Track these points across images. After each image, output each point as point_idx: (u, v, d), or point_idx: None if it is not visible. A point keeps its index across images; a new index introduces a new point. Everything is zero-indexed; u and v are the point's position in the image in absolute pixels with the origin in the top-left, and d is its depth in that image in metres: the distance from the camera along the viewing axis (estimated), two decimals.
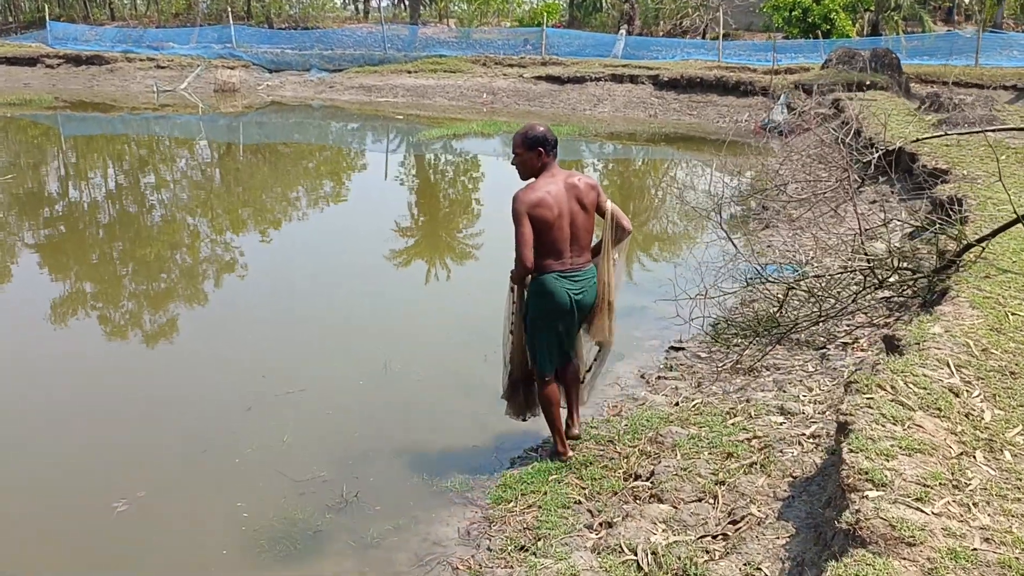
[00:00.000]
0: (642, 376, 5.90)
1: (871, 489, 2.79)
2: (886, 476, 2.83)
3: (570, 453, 4.57)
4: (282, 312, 7.60)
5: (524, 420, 4.83)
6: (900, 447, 3.02)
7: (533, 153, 4.26)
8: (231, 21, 31.71)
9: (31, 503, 4.42)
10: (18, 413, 5.51)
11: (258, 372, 6.09)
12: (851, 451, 2.99)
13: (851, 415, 3.24)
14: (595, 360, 4.82)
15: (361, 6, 52.06)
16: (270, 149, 19.17)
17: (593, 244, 4.46)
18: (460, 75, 26.84)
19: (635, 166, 17.98)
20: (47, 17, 34.46)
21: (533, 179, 4.29)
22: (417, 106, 25.20)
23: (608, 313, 4.51)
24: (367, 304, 7.92)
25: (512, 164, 4.37)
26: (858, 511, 2.69)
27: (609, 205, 4.36)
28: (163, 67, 29.25)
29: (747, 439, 4.29)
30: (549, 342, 4.44)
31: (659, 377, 5.82)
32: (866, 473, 2.85)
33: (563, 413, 4.72)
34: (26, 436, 5.20)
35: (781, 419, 4.51)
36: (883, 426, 3.16)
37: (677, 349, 6.32)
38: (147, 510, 4.27)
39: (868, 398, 3.35)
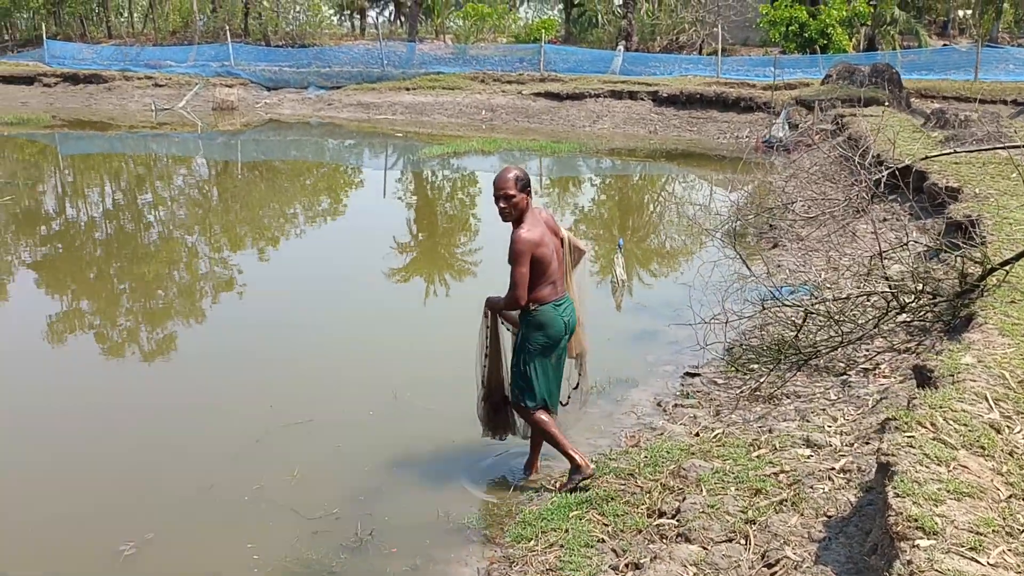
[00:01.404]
0: (658, 404, 5.77)
1: (922, 537, 2.65)
2: (936, 523, 2.70)
3: (591, 467, 4.54)
4: (284, 334, 7.46)
5: (502, 440, 4.98)
6: (948, 490, 2.88)
7: (524, 194, 4.42)
8: (229, 39, 31.63)
9: (32, 546, 4.27)
10: (15, 447, 5.36)
11: (265, 401, 5.95)
12: (897, 495, 2.86)
13: (893, 455, 3.11)
14: (579, 375, 4.97)
15: (357, 23, 52.25)
16: (268, 167, 19.09)
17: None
18: (458, 92, 26.79)
19: (635, 182, 17.90)
20: (44, 35, 34.41)
21: (514, 222, 4.43)
22: (416, 123, 25.15)
23: (577, 327, 4.81)
24: (371, 325, 7.80)
25: (503, 208, 4.42)
26: (910, 562, 2.56)
27: (564, 233, 4.70)
28: (161, 85, 29.17)
29: (774, 473, 4.15)
30: (542, 373, 4.58)
31: (676, 405, 5.69)
32: (915, 520, 2.71)
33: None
34: (24, 473, 5.04)
35: (808, 452, 4.38)
36: (927, 467, 3.03)
37: (693, 375, 6.19)
38: (155, 553, 4.11)
39: (909, 436, 3.22)
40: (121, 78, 29.79)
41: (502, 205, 4.40)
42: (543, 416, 4.60)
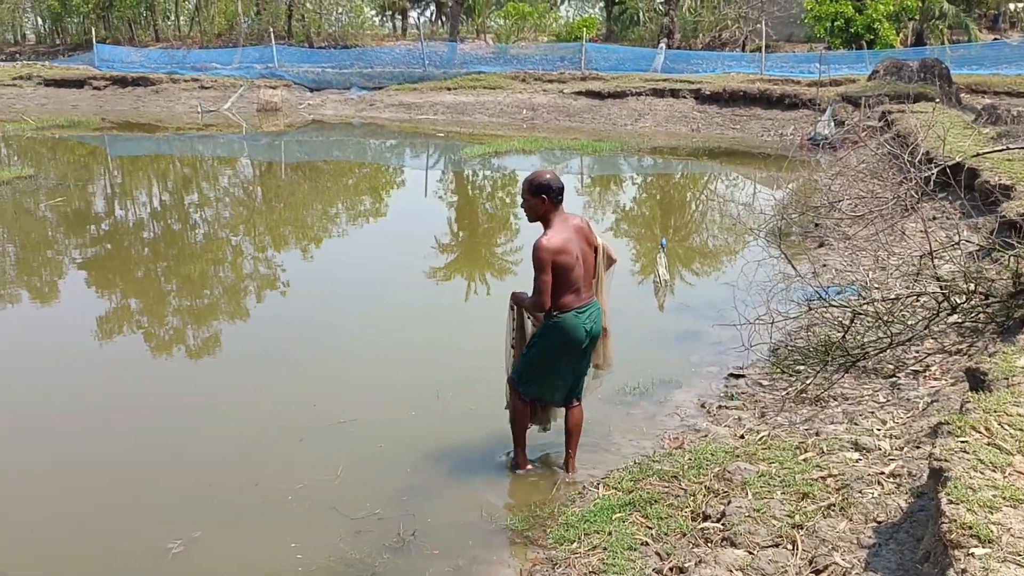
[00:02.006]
0: (702, 405, 5.71)
1: (977, 545, 2.59)
2: (992, 531, 2.63)
3: (530, 467, 4.90)
4: (327, 334, 7.52)
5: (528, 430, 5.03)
6: (1003, 497, 2.81)
7: (537, 199, 4.50)
8: (273, 41, 32.01)
9: (83, 543, 4.35)
10: (60, 445, 5.45)
11: (308, 400, 5.99)
12: (951, 502, 2.79)
13: (946, 460, 3.04)
14: (593, 378, 5.07)
15: (399, 24, 52.59)
16: (311, 167, 19.28)
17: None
18: (500, 91, 26.81)
19: (677, 180, 17.76)
20: (94, 39, 35.13)
21: (542, 224, 4.54)
22: (457, 123, 25.22)
23: (604, 338, 4.90)
24: (412, 324, 7.81)
25: (520, 207, 4.65)
26: (964, 571, 2.50)
27: (599, 241, 4.75)
28: (207, 88, 29.61)
29: (822, 478, 4.08)
30: (546, 372, 4.73)
31: (720, 407, 5.62)
32: (970, 527, 2.64)
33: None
34: (71, 471, 5.13)
35: (856, 455, 4.29)
36: (982, 473, 2.95)
37: (737, 376, 6.11)
38: (203, 551, 4.16)
39: (962, 441, 3.14)
40: (168, 81, 30.29)
41: (521, 205, 4.63)
42: (523, 407, 4.79)
